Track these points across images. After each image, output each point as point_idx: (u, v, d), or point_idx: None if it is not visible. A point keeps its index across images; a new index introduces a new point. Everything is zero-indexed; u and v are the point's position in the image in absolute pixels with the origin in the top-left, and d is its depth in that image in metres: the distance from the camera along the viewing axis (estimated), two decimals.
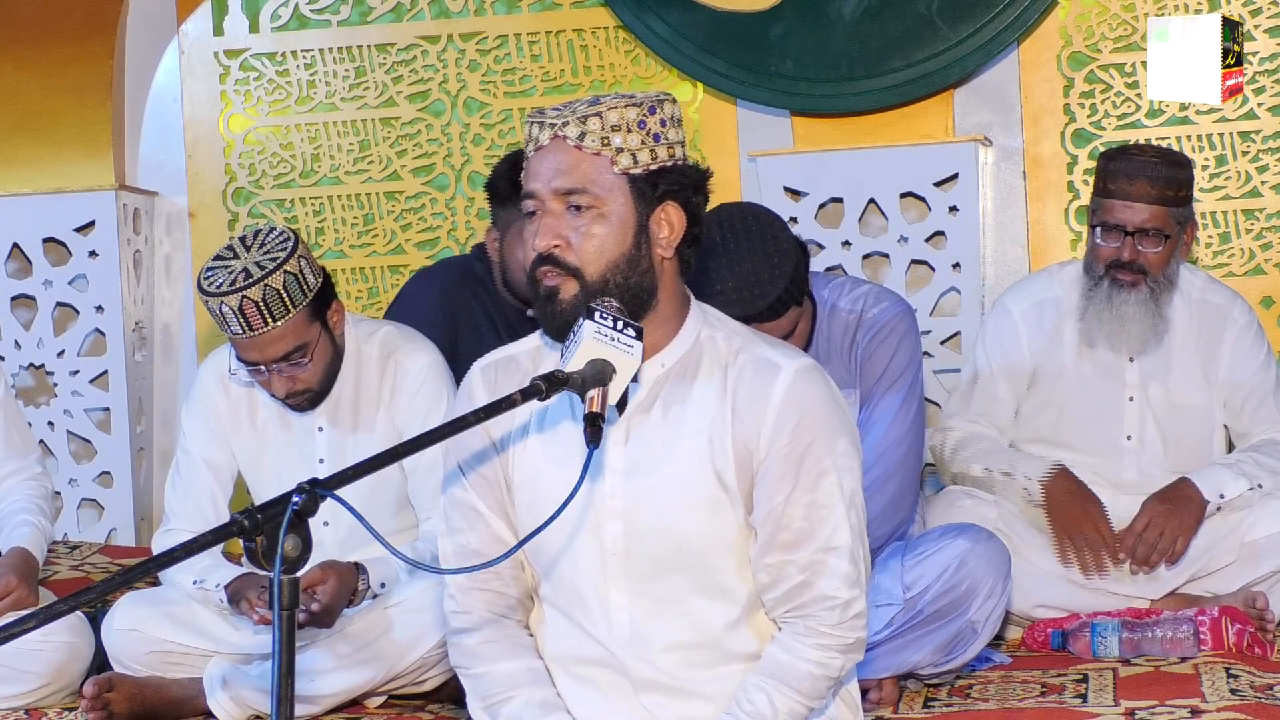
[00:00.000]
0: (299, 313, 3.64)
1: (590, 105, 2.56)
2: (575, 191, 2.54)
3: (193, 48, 5.49)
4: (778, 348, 2.64)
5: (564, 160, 2.54)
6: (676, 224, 2.59)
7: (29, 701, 3.86)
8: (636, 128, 2.55)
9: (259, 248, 3.66)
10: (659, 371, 2.61)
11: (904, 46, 5.01)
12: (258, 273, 3.60)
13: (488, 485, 2.70)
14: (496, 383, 2.67)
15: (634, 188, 2.56)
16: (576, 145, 2.54)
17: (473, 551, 2.69)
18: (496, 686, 2.69)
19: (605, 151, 2.54)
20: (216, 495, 3.91)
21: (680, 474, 2.59)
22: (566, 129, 2.54)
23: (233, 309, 3.58)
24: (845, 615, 2.59)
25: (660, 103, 2.58)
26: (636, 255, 2.56)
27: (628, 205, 2.56)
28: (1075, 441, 4.25)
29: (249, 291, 3.58)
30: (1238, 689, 3.49)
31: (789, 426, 2.56)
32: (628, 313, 2.54)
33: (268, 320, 3.60)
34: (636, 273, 2.56)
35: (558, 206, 2.55)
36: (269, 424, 3.89)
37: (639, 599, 2.62)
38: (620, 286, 2.55)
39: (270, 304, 3.60)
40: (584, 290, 2.54)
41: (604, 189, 2.54)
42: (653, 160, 2.56)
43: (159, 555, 2.07)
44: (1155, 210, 4.07)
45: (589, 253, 2.54)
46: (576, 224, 2.55)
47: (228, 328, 3.63)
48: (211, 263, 3.68)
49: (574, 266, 2.54)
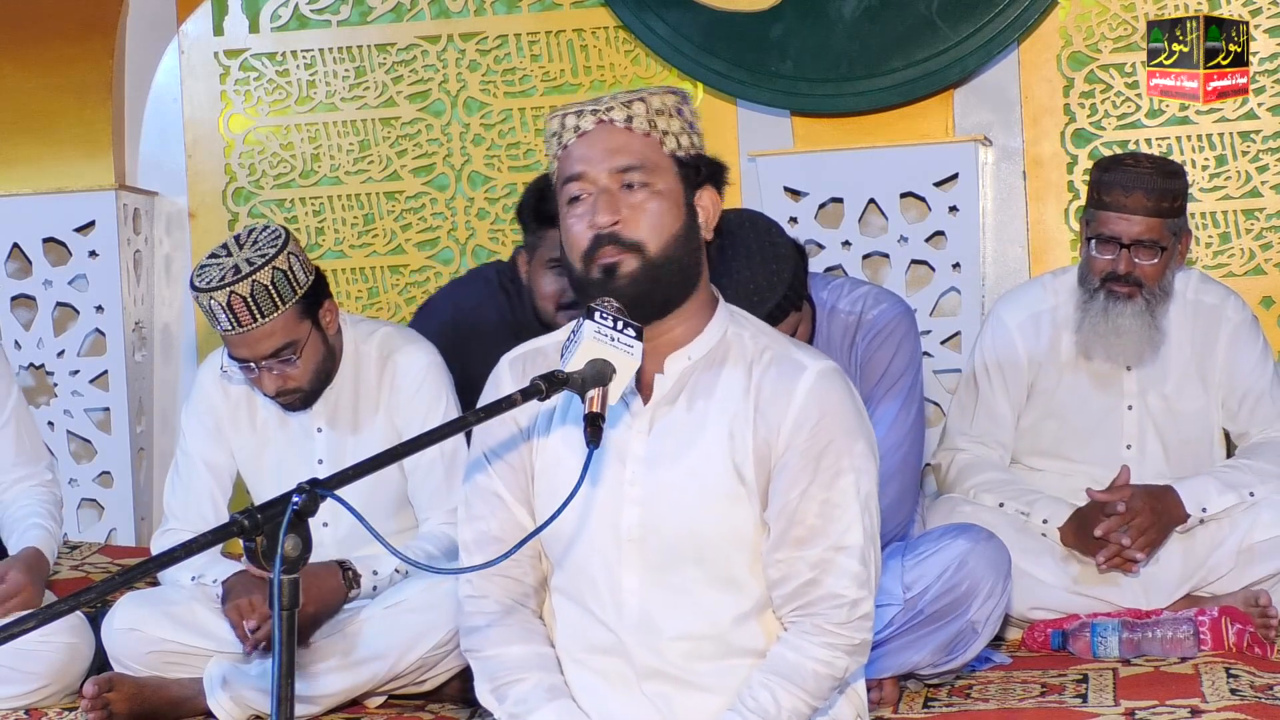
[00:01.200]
0: (288, 310, 3.65)
1: (628, 93, 2.61)
2: (631, 168, 2.58)
3: (193, 48, 5.49)
4: (803, 349, 2.68)
5: (615, 139, 2.58)
6: (712, 209, 2.66)
7: (29, 702, 3.86)
8: (676, 115, 2.62)
9: (251, 245, 3.68)
10: (685, 364, 2.64)
11: (904, 46, 5.01)
12: (247, 269, 3.61)
13: (513, 472, 2.72)
14: (525, 375, 2.68)
15: (681, 169, 2.61)
16: (626, 127, 2.59)
17: (493, 538, 2.71)
18: (505, 669, 2.70)
19: (654, 133, 2.59)
20: (216, 496, 3.92)
21: (700, 466, 2.62)
22: (612, 113, 2.59)
23: (221, 305, 3.60)
24: (852, 615, 2.61)
25: (689, 96, 2.67)
26: (689, 233, 2.61)
27: (677, 184, 2.61)
28: (1075, 452, 4.24)
29: (237, 287, 3.59)
30: (1238, 689, 3.49)
31: (809, 424, 2.59)
32: (677, 293, 2.59)
33: (256, 316, 3.61)
34: (689, 250, 2.61)
35: (613, 185, 2.58)
36: (268, 424, 3.89)
37: (651, 587, 2.64)
38: (678, 263, 2.59)
39: (259, 300, 3.61)
40: (645, 265, 2.56)
41: (657, 166, 2.59)
42: (692, 147, 2.63)
43: (159, 555, 2.08)
44: (1151, 222, 4.05)
45: (649, 227, 2.57)
46: (633, 200, 2.58)
47: (218, 324, 3.65)
48: (205, 260, 3.69)
49: (636, 241, 2.57)
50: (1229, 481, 4.08)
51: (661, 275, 2.57)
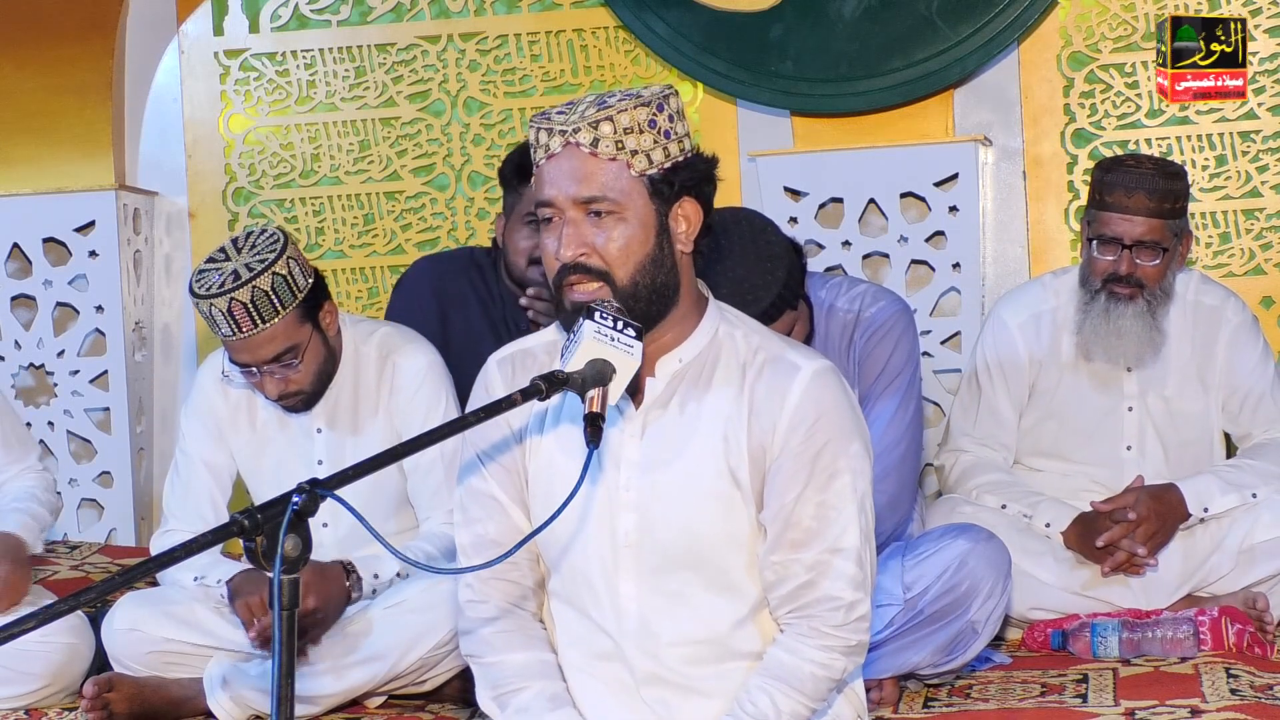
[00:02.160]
0: (289, 314, 3.64)
1: (599, 108, 2.54)
2: (595, 199, 2.54)
3: (193, 48, 5.49)
4: (796, 348, 2.66)
5: (580, 168, 2.54)
6: (693, 218, 2.60)
7: (29, 702, 3.86)
8: (648, 128, 2.55)
9: (249, 249, 3.67)
10: (676, 367, 2.63)
11: (904, 46, 5.01)
12: (246, 275, 3.60)
13: (508, 474, 2.71)
14: (514, 377, 2.68)
15: (652, 188, 2.56)
16: (591, 152, 2.53)
17: (491, 541, 2.70)
18: (507, 677, 2.70)
19: (620, 155, 2.54)
20: (215, 497, 3.92)
21: (694, 469, 2.61)
22: (579, 135, 2.53)
23: (222, 311, 3.59)
24: (849, 617, 2.60)
25: (665, 98, 2.58)
26: (660, 254, 2.57)
27: (647, 206, 2.56)
28: (1075, 453, 4.24)
29: (237, 293, 3.58)
30: (1238, 689, 3.49)
31: (805, 425, 2.58)
32: (654, 312, 2.56)
33: (257, 322, 3.61)
34: (662, 272, 2.57)
35: (578, 215, 2.55)
36: (268, 425, 3.89)
37: (649, 593, 2.63)
38: (648, 288, 2.56)
39: (259, 305, 3.61)
40: (617, 295, 2.54)
41: (623, 193, 2.54)
42: (666, 159, 2.57)
43: (159, 555, 2.08)
44: (1152, 223, 4.05)
45: (616, 256, 2.54)
46: (599, 230, 2.55)
47: (218, 330, 3.64)
48: (203, 265, 3.69)
49: (603, 270, 2.54)
50: (1232, 481, 4.08)
51: (634, 305, 2.54)
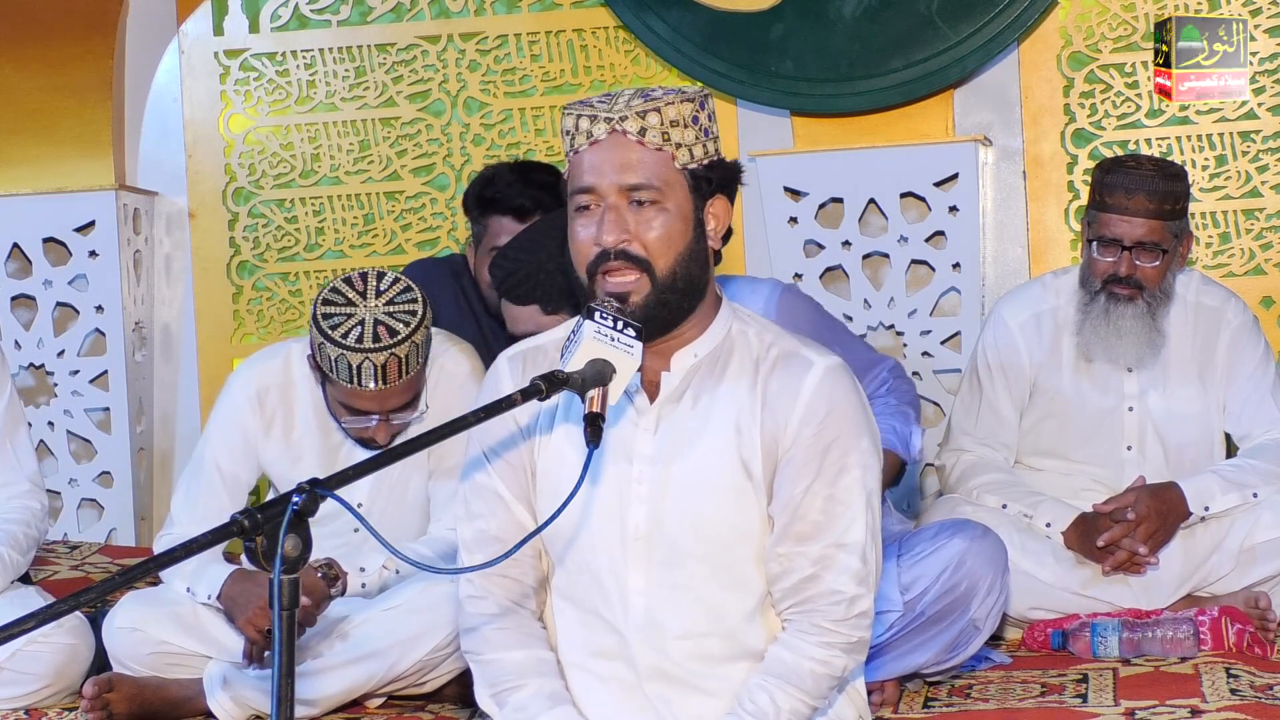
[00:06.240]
0: (424, 363, 3.59)
1: (645, 100, 2.57)
2: (642, 187, 2.56)
3: (193, 48, 5.49)
4: (808, 345, 2.69)
5: (627, 155, 2.56)
6: (722, 216, 2.64)
7: (29, 702, 3.86)
8: (691, 123, 2.59)
9: (376, 294, 3.54)
10: (691, 361, 2.65)
11: (904, 46, 5.01)
12: (405, 331, 3.50)
13: (513, 471, 2.71)
14: (524, 373, 2.68)
15: (692, 182, 2.59)
16: (639, 140, 2.56)
17: (492, 537, 2.70)
18: (506, 674, 2.70)
19: (666, 147, 2.56)
20: (226, 506, 3.84)
21: (707, 461, 2.62)
22: (626, 123, 2.55)
23: (376, 365, 3.49)
24: (850, 612, 2.61)
25: (705, 98, 2.63)
26: (696, 249, 2.60)
27: (687, 200, 2.59)
28: (1075, 453, 4.23)
29: (398, 349, 3.48)
30: (1238, 689, 3.49)
31: (816, 419, 2.60)
32: (686, 305, 2.59)
33: (402, 374, 3.53)
34: (696, 266, 2.60)
35: (621, 201, 2.57)
36: (304, 438, 3.78)
37: (657, 585, 2.64)
38: (685, 279, 2.58)
39: (409, 361, 3.52)
40: (655, 287, 2.56)
41: (667, 184, 2.57)
42: (705, 155, 2.60)
43: (159, 555, 2.08)
44: (1153, 225, 4.05)
45: (657, 246, 2.56)
46: (641, 218, 2.56)
47: (355, 380, 3.50)
48: (329, 310, 3.51)
49: (644, 259, 2.55)
50: (1233, 480, 4.08)
51: (670, 297, 2.57)
